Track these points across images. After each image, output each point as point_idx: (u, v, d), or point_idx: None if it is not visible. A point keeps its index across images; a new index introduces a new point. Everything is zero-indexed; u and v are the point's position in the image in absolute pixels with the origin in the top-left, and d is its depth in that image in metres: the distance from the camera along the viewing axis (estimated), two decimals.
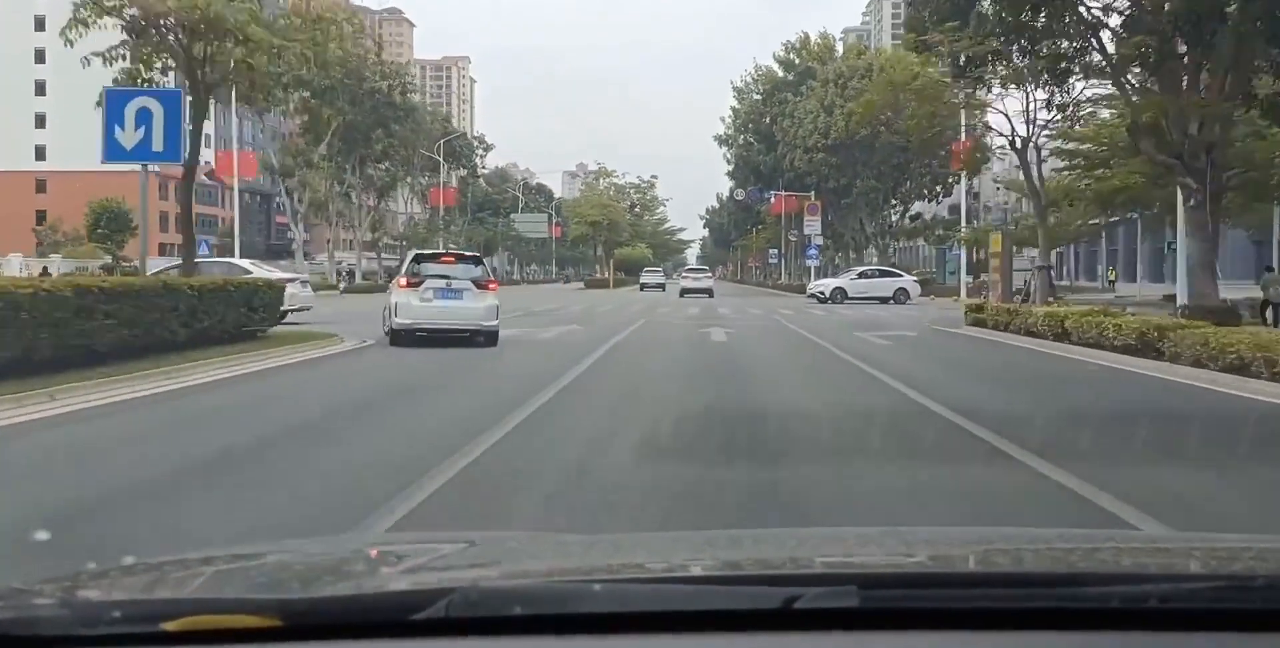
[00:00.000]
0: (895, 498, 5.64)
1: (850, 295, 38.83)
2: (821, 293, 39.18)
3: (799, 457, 6.93)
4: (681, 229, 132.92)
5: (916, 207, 59.71)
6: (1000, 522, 4.75)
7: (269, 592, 1.36)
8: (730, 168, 65.96)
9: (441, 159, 74.90)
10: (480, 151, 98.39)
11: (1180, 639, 1.18)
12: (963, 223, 49.83)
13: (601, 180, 73.36)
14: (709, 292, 47.58)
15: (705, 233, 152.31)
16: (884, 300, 38.69)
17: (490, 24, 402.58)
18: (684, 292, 48.00)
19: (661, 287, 61.13)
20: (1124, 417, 9.31)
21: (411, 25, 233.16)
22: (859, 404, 10.03)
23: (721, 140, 62.68)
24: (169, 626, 1.16)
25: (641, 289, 61.07)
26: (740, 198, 70.23)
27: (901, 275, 41.37)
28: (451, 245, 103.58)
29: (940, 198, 56.41)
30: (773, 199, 58.53)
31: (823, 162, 51.31)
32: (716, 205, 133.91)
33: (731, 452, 7.03)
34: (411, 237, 79.13)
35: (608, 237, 68.85)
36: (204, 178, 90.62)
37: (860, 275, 40.24)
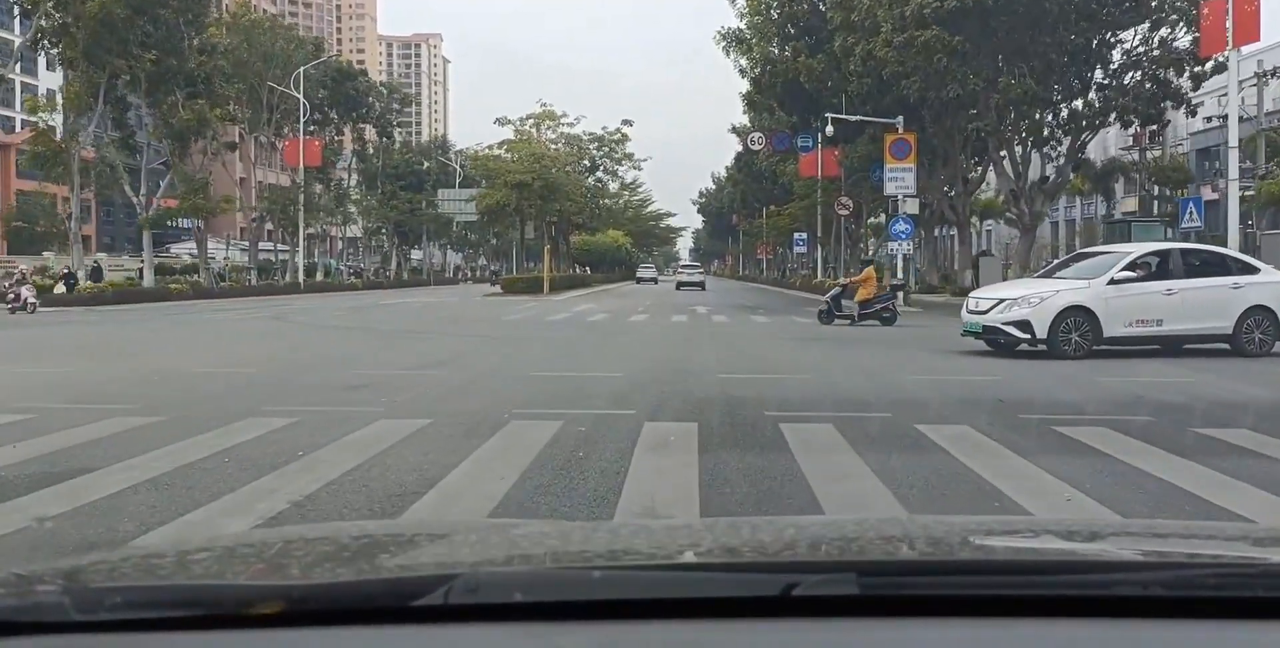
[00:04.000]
0: None
1: (1109, 331, 13.18)
2: (1016, 323, 13.23)
3: None
4: (671, 214, 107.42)
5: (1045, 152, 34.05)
6: None
7: (270, 578, 1.35)
8: (745, 90, 39.53)
9: (302, 97, 49.09)
10: (396, 106, 73.05)
11: (1182, 627, 1.15)
12: (1230, 158, 24.36)
13: (543, 127, 47.37)
14: (701, 284, 55.13)
15: (701, 221, 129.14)
16: (1191, 342, 13.82)
17: (472, 12, 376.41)
18: (679, 285, 54.32)
19: (654, 280, 71.78)
20: None
21: None
22: None
23: (732, 40, 36.54)
24: (170, 612, 1.15)
25: (637, 283, 68.44)
26: (758, 146, 44.25)
27: (1258, 269, 14.28)
28: (352, 227, 77.86)
29: (1136, 123, 30.80)
30: (828, 130, 32.37)
31: (935, 42, 25.58)
32: (713, 186, 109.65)
33: None
34: (274, 211, 53.12)
35: (544, 208, 42.65)
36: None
37: (1138, 269, 13.54)
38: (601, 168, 52.10)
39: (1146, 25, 28.11)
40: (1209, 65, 27.62)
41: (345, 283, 58.06)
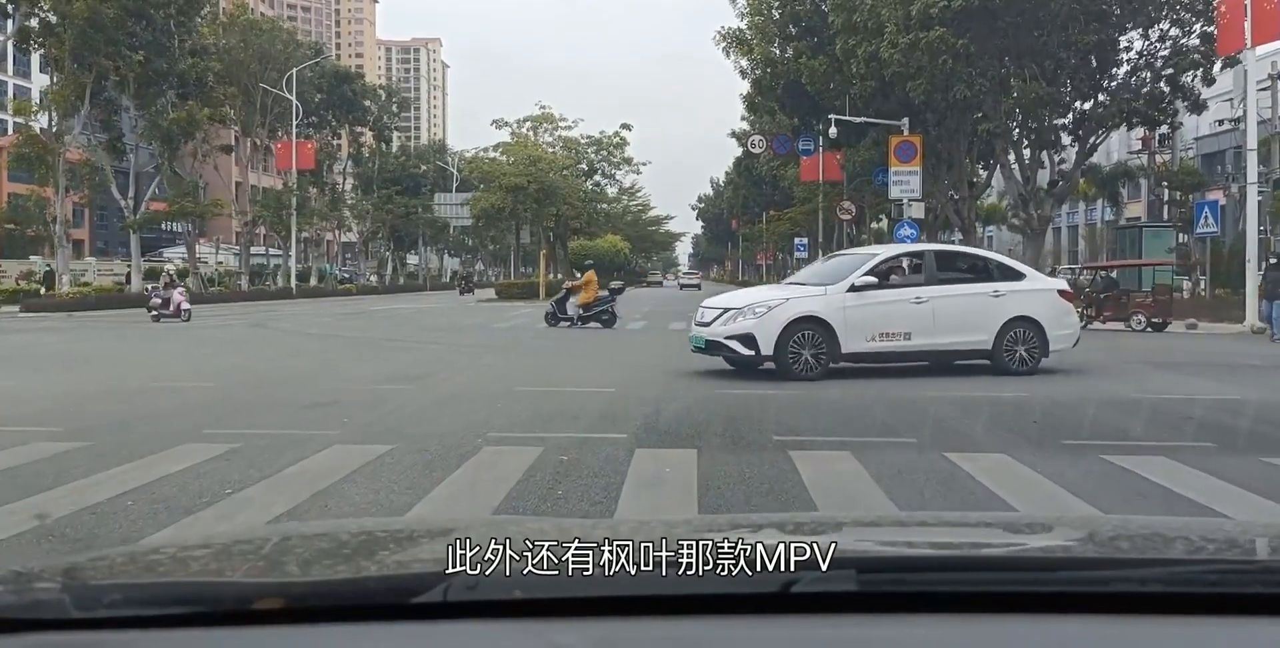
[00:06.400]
0: None
1: (848, 346, 11.26)
2: (739, 337, 11.24)
3: None
4: (670, 217, 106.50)
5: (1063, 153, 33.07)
6: None
7: (268, 575, 1.35)
8: (746, 92, 38.64)
9: (294, 98, 48.17)
10: (394, 108, 72.09)
11: (1179, 624, 1.15)
12: (1249, 161, 23.55)
13: (541, 130, 46.40)
14: (698, 286, 69.48)
15: (700, 227, 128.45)
16: (949, 359, 11.79)
17: (472, 13, 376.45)
18: (682, 286, 73.06)
19: (660, 283, 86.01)
20: None
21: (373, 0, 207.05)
22: None
23: (732, 40, 35.62)
24: (169, 609, 1.15)
25: (646, 286, 78.77)
26: (759, 150, 43.40)
27: (1023, 275, 12.27)
28: (349, 232, 76.84)
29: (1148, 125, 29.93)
30: (831, 132, 31.51)
31: (939, 44, 24.71)
32: (712, 193, 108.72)
33: None
34: (265, 216, 52.10)
35: (540, 212, 41.76)
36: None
37: (888, 273, 12.01)
38: (599, 172, 51.14)
39: (1159, 25, 27.20)
40: (1217, 67, 26.73)
41: (339, 288, 57.07)
